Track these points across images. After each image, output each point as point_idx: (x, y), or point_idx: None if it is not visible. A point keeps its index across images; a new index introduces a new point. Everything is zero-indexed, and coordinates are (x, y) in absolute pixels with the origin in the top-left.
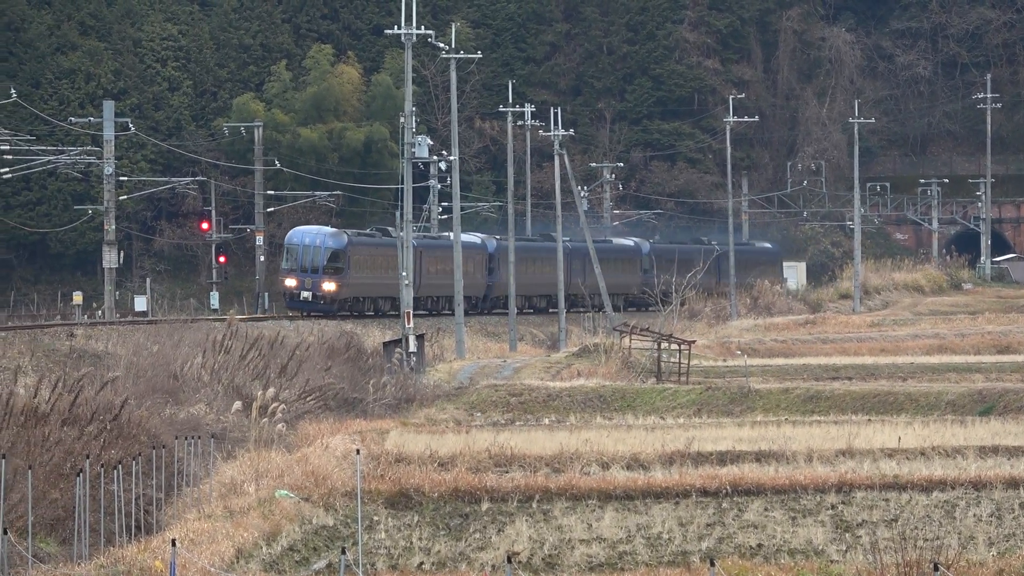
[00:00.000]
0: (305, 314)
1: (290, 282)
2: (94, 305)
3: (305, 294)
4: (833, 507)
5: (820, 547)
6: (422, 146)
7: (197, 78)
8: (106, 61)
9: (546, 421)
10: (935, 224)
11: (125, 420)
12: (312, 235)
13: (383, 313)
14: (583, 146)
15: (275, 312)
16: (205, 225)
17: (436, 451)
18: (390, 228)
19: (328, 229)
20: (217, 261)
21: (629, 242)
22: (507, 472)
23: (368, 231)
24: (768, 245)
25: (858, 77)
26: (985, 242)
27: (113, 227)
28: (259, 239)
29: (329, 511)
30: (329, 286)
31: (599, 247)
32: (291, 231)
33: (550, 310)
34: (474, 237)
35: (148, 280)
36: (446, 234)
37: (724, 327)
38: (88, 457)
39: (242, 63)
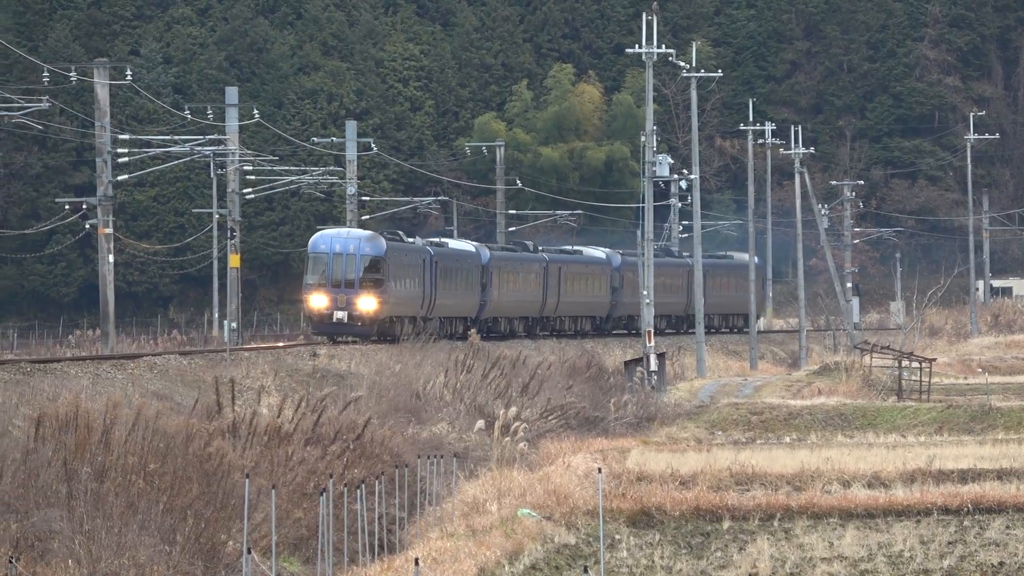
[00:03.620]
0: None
1: (318, 300)
2: None
3: (339, 314)
4: None
5: None
6: (663, 165)
7: (439, 98)
8: (348, 81)
9: (787, 439)
10: None
11: (368, 439)
12: (343, 240)
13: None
14: (823, 164)
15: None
16: None
17: (677, 470)
18: (400, 232)
19: (362, 232)
20: None
21: (600, 254)
22: (748, 490)
23: (389, 233)
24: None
25: None
26: None
27: None
28: None
29: (571, 530)
30: (369, 304)
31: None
32: (315, 235)
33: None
34: (467, 244)
35: None
36: (448, 240)
37: (964, 345)
38: (331, 476)
39: (483, 83)
